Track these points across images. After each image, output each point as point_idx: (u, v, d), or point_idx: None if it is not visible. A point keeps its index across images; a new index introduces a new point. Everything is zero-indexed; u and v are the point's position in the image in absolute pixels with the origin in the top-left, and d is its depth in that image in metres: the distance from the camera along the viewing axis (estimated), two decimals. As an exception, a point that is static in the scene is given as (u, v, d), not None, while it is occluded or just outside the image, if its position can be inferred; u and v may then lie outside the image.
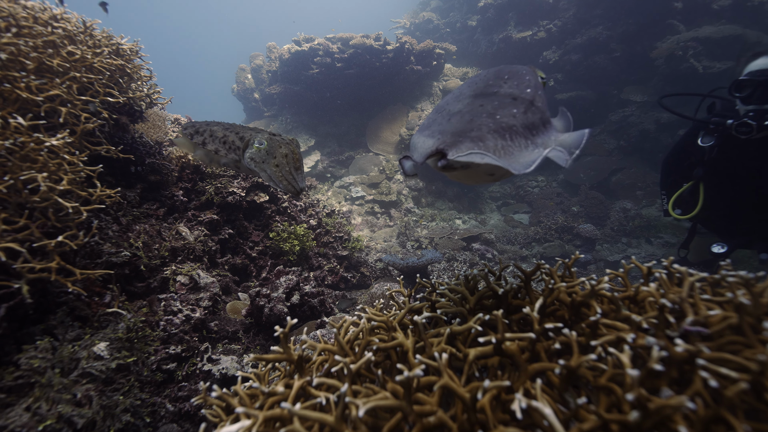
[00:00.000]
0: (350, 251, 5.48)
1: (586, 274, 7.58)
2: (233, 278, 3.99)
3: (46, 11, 2.79)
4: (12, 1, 2.67)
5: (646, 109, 10.54)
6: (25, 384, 1.87)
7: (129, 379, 2.18)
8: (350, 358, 0.90)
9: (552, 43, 12.29)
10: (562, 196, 10.45)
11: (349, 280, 5.17)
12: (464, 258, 7.27)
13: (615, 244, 8.81)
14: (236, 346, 3.26)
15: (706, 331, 0.81)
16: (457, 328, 0.96)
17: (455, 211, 10.43)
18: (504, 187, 11.87)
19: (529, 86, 1.19)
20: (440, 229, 8.98)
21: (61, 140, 2.14)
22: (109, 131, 2.99)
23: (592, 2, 11.56)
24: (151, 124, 4.29)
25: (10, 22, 2.39)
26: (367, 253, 6.83)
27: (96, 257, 2.64)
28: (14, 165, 1.94)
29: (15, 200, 1.93)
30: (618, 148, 10.82)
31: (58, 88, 2.34)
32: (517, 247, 8.67)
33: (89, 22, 2.93)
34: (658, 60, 10.28)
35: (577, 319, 1.06)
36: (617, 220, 9.32)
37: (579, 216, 9.62)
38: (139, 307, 2.84)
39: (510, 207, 10.91)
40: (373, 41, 10.83)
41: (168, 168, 3.75)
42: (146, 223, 3.34)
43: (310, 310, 3.74)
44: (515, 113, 1.07)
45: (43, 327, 2.14)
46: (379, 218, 9.35)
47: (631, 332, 0.87)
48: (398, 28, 16.08)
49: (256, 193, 4.63)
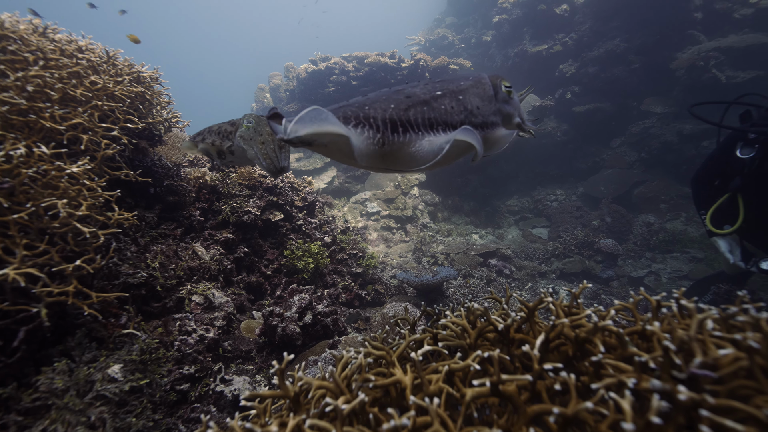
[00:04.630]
0: (365, 268, 5.47)
1: (608, 291, 7.38)
2: (248, 297, 4.03)
3: (72, 43, 2.95)
4: (41, 35, 2.84)
5: (668, 120, 10.30)
6: (42, 406, 1.91)
7: (142, 400, 2.21)
8: (345, 397, 0.89)
9: (568, 56, 12.22)
10: (582, 210, 10.23)
11: (363, 298, 5.14)
12: (481, 274, 7.15)
13: (638, 259, 8.53)
14: (249, 366, 3.27)
15: (714, 375, 0.77)
16: (455, 366, 0.94)
17: (472, 226, 10.33)
18: (522, 200, 11.71)
19: (439, 90, 1.25)
20: (456, 244, 8.89)
21: (82, 167, 2.23)
22: (129, 155, 3.10)
23: (608, 15, 11.48)
24: (171, 146, 4.43)
25: (38, 56, 2.54)
26: (382, 270, 6.81)
27: (113, 278, 2.71)
28: (37, 192, 2.03)
29: (37, 226, 2.02)
30: (639, 161, 10.56)
31: (80, 116, 2.45)
32: (536, 262, 8.49)
33: (112, 52, 3.08)
34: (678, 71, 10.07)
35: (582, 354, 1.02)
36: (640, 234, 9.04)
37: (600, 230, 9.38)
38: (154, 327, 2.89)
39: (528, 221, 10.73)
40: (387, 59, 11.00)
41: (185, 189, 3.86)
42: (163, 244, 3.42)
43: (323, 330, 3.73)
44: (391, 107, 1.13)
45: (62, 348, 2.20)
46: (395, 233, 9.34)
47: (635, 375, 0.83)
48: (413, 45, 16.30)
49: (271, 211, 4.70)
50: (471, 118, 1.29)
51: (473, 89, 1.36)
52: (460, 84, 1.34)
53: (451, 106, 1.27)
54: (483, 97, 1.37)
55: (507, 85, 1.42)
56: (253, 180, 4.64)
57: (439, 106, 1.24)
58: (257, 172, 4.75)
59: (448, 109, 1.25)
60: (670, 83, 10.42)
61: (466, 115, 1.28)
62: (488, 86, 1.39)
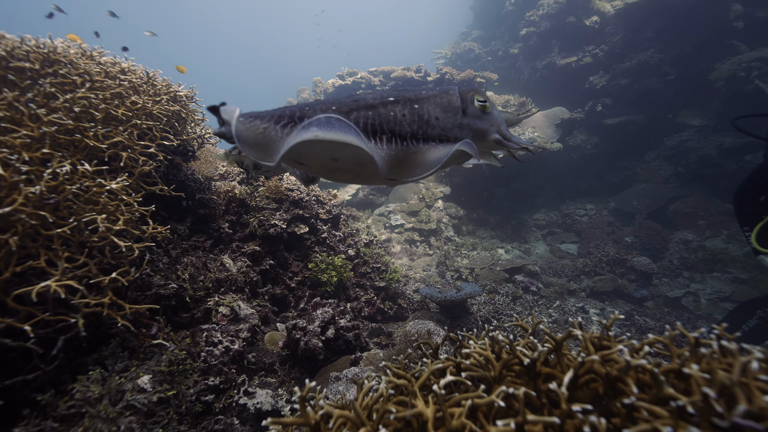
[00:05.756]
0: (388, 282, 5.45)
1: (642, 312, 7.05)
2: (272, 308, 4.09)
3: (116, 65, 3.13)
4: (89, 58, 3.03)
5: (706, 133, 9.86)
6: (77, 413, 1.99)
7: (168, 411, 2.26)
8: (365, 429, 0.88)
9: (599, 68, 11.96)
10: (614, 226, 9.87)
11: (386, 312, 5.12)
12: (506, 291, 7.00)
13: (675, 279, 8.13)
14: (272, 379, 3.30)
15: (760, 428, 0.71)
16: (479, 401, 0.91)
17: (497, 240, 10.15)
18: (550, 215, 11.43)
19: (392, 96, 1.22)
20: (481, 259, 8.74)
21: (120, 183, 2.35)
22: (164, 171, 3.24)
23: (641, 26, 11.20)
24: (203, 161, 4.60)
25: (85, 78, 2.70)
26: (405, 283, 6.77)
27: (146, 289, 2.81)
28: (79, 207, 2.15)
29: (77, 239, 2.13)
30: (675, 175, 10.13)
31: (120, 135, 2.59)
32: (564, 279, 8.23)
33: (152, 73, 3.25)
34: (717, 82, 9.66)
35: (613, 392, 0.98)
36: (677, 252, 8.63)
37: (633, 247, 9.01)
38: (182, 337, 2.97)
39: (556, 236, 10.45)
40: (413, 73, 11.09)
41: (216, 202, 3.99)
42: (194, 255, 3.53)
43: (345, 345, 3.73)
44: (332, 109, 1.13)
45: (96, 357, 2.30)
46: (419, 247, 9.29)
47: (671, 422, 0.78)
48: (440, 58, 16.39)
49: (297, 224, 4.78)
50: (426, 128, 1.22)
51: (435, 99, 1.28)
52: (421, 93, 1.28)
53: (403, 114, 1.21)
54: (446, 108, 1.29)
55: (481, 100, 1.33)
56: (280, 193, 4.74)
57: (387, 113, 1.19)
58: (284, 185, 4.85)
59: (398, 117, 1.20)
60: (708, 95, 10.01)
61: (419, 125, 1.22)
62: (455, 98, 1.31)
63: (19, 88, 2.41)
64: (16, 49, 2.49)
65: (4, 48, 2.42)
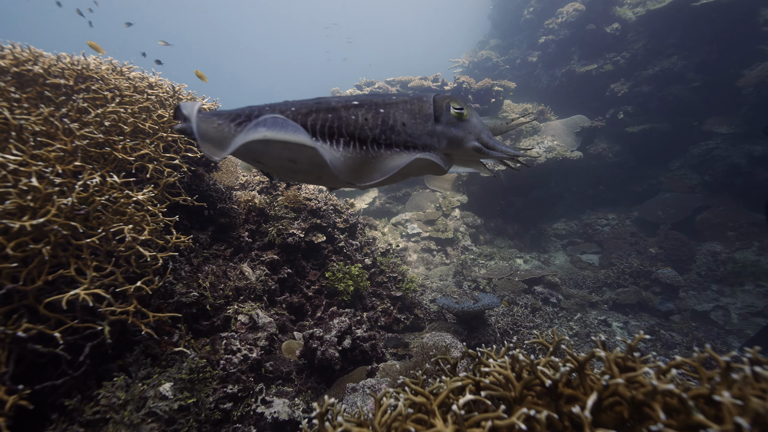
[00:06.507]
0: (404, 292, 5.43)
1: (667, 327, 6.80)
2: (289, 317, 4.13)
3: (144, 80, 3.25)
4: (119, 73, 3.16)
5: (735, 141, 9.54)
6: (101, 419, 2.04)
7: (188, 419, 2.30)
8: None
9: (620, 76, 11.76)
10: (637, 236, 9.60)
11: (402, 322, 5.09)
12: (525, 302, 6.87)
13: (703, 292, 7.83)
14: (289, 389, 3.31)
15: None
16: (500, 423, 0.90)
17: (516, 250, 10.00)
18: (570, 224, 11.21)
19: (357, 100, 1.21)
20: (499, 268, 8.63)
21: (146, 194, 2.43)
22: (188, 181, 3.33)
23: (664, 32, 10.98)
24: (224, 170, 4.71)
25: (115, 93, 2.82)
26: (422, 293, 6.73)
27: (168, 297, 2.88)
28: (107, 218, 2.23)
29: (105, 249, 2.20)
30: (702, 184, 9.82)
31: (147, 147, 2.68)
32: (586, 291, 8.03)
33: (177, 87, 3.36)
34: (746, 88, 9.36)
35: (638, 417, 0.95)
36: (705, 264, 8.32)
37: (658, 259, 8.74)
38: (202, 345, 3.02)
39: (577, 246, 10.22)
40: (431, 82, 11.13)
41: (236, 211, 4.07)
42: (214, 264, 3.60)
43: (361, 355, 3.73)
44: (291, 110, 1.15)
45: (120, 363, 2.36)
46: (435, 256, 9.23)
47: (702, 452, 0.75)
48: (457, 67, 16.41)
49: (315, 233, 4.83)
50: (390, 134, 1.19)
51: (405, 105, 1.25)
52: (391, 98, 1.25)
53: (365, 118, 1.18)
54: (416, 115, 1.25)
55: (457, 107, 1.29)
56: (298, 203, 4.80)
57: (349, 116, 1.17)
58: (303, 195, 4.91)
59: (359, 121, 1.17)
60: (736, 102, 9.70)
61: (383, 131, 1.19)
62: (427, 105, 1.27)
63: (54, 104, 2.53)
64: (53, 66, 2.62)
65: (42, 66, 2.55)
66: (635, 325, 6.95)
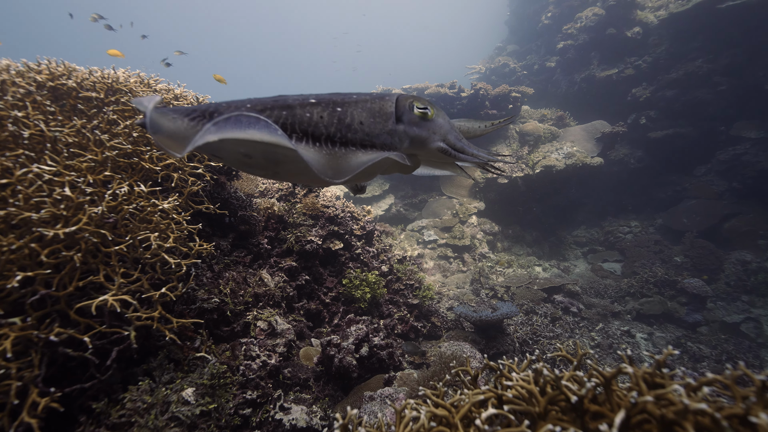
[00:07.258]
0: (421, 300, 5.40)
1: (695, 339, 6.56)
2: (307, 324, 4.15)
3: (170, 92, 3.36)
4: (147, 86, 3.27)
5: (764, 146, 9.21)
6: (126, 422, 2.10)
7: (209, 424, 2.33)
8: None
9: (641, 80, 11.52)
10: (662, 244, 9.33)
11: (419, 330, 5.06)
12: (545, 311, 6.74)
13: (732, 303, 7.54)
14: (306, 396, 3.33)
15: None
16: (523, 438, 0.89)
17: (534, 257, 9.83)
18: (591, 231, 10.98)
19: (314, 98, 1.23)
20: (517, 276, 8.50)
21: (171, 203, 2.50)
22: (210, 190, 3.41)
23: (688, 35, 10.72)
24: (245, 178, 4.80)
25: (143, 105, 2.92)
26: (439, 300, 6.68)
27: (191, 303, 2.94)
28: (134, 226, 2.30)
29: (132, 256, 2.27)
30: (729, 191, 9.49)
31: (172, 157, 2.76)
32: (608, 300, 7.83)
33: (201, 98, 3.46)
34: (776, 92, 9.05)
35: (669, 436, 0.92)
36: (734, 273, 8.02)
37: (683, 268, 8.47)
38: (223, 350, 3.07)
39: (598, 254, 9.99)
40: (447, 89, 11.13)
41: (256, 218, 4.13)
42: (234, 270, 3.66)
43: (378, 363, 3.72)
44: (247, 107, 1.17)
45: (145, 368, 2.42)
46: (452, 263, 9.16)
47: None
48: (474, 73, 16.37)
49: (332, 240, 4.86)
50: (346, 132, 1.20)
51: (365, 104, 1.25)
52: (351, 97, 1.25)
53: (321, 116, 1.19)
54: (375, 114, 1.25)
55: (421, 107, 1.28)
56: (316, 210, 4.85)
57: (303, 114, 1.18)
58: (320, 202, 4.96)
59: (313, 119, 1.18)
60: (765, 106, 9.37)
61: (338, 129, 1.19)
62: (388, 104, 1.27)
63: (86, 116, 2.64)
64: (85, 80, 2.74)
65: (75, 80, 2.67)
66: (660, 337, 6.72)
